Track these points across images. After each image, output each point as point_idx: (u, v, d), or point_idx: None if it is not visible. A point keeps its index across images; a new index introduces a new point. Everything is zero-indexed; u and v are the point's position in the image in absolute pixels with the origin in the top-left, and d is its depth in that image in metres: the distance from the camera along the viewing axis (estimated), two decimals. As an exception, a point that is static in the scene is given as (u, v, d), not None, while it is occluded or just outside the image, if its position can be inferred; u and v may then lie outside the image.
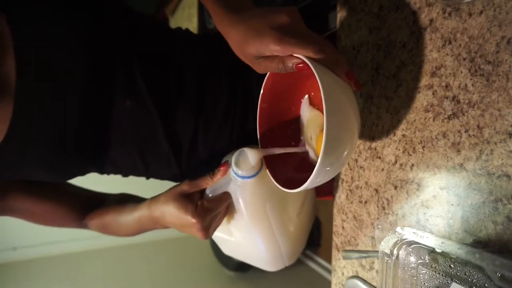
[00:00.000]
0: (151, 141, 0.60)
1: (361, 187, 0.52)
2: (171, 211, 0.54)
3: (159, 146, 0.61)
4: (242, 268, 2.37)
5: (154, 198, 0.57)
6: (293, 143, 0.49)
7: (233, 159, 0.47)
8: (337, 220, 0.57)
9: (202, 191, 0.55)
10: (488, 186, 0.35)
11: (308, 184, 0.37)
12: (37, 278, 2.39)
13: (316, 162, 0.35)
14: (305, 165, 0.46)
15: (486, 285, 0.31)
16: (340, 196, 0.56)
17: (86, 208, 0.69)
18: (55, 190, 0.68)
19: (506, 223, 0.34)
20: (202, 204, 0.52)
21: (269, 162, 0.46)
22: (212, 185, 0.53)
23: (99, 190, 0.73)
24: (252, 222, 0.54)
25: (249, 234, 0.57)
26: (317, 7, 0.80)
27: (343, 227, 0.56)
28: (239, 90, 0.65)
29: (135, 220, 0.61)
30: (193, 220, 0.51)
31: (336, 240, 0.58)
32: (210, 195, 0.53)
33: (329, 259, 0.61)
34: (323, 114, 0.35)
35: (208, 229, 0.53)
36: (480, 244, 0.36)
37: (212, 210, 0.52)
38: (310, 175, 0.36)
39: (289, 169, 0.47)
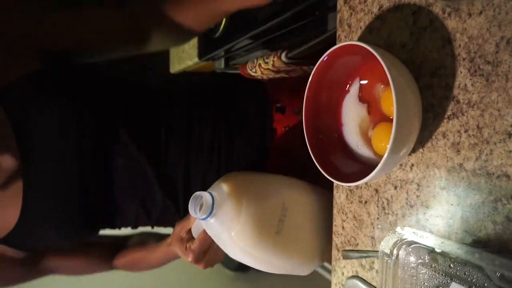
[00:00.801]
0: (147, 190, 0.66)
1: (361, 187, 0.52)
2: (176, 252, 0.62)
3: (155, 193, 0.67)
4: (242, 268, 2.37)
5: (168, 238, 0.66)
6: (335, 135, 0.49)
7: (190, 205, 0.51)
8: (337, 220, 0.58)
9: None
10: (488, 186, 0.35)
11: (373, 175, 0.37)
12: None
13: (368, 154, 0.39)
14: (350, 158, 0.47)
15: (485, 284, 0.32)
16: (340, 196, 0.56)
17: (112, 253, 0.81)
18: (83, 245, 0.80)
19: (506, 223, 0.34)
20: (189, 247, 0.58)
21: (319, 156, 0.46)
22: (194, 225, 0.59)
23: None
24: (231, 253, 0.57)
25: (246, 260, 0.59)
26: (317, 8, 0.80)
27: (343, 227, 0.56)
28: (222, 121, 0.69)
29: (161, 255, 0.71)
30: (188, 259, 0.58)
31: (336, 240, 0.58)
32: (195, 235, 0.59)
33: (329, 259, 0.61)
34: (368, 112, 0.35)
35: (203, 262, 0.60)
36: (480, 244, 0.36)
37: (196, 249, 0.57)
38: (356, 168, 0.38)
39: (339, 163, 0.47)
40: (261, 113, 0.73)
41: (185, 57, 1.59)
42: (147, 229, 0.78)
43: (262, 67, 1.00)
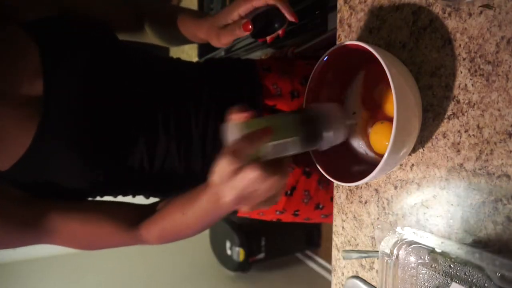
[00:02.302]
0: (151, 131, 0.63)
1: (361, 187, 0.52)
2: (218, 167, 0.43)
3: (159, 136, 0.64)
4: (242, 268, 2.37)
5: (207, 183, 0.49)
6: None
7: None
8: (337, 220, 0.57)
9: None
10: (488, 186, 0.35)
11: (375, 174, 0.37)
12: (37, 278, 2.40)
13: (368, 154, 0.38)
14: (350, 157, 0.47)
15: (486, 285, 0.32)
16: (340, 196, 0.56)
17: (138, 217, 0.61)
18: (96, 205, 0.63)
19: (506, 223, 0.34)
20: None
21: (319, 157, 0.46)
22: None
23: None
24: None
25: None
26: (317, 8, 0.80)
27: (343, 227, 0.56)
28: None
29: (199, 208, 0.51)
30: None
31: (336, 240, 0.58)
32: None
33: (329, 259, 0.61)
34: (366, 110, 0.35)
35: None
36: (480, 244, 0.36)
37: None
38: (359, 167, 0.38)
39: (341, 162, 0.47)
40: (249, 72, 0.77)
41: (185, 57, 1.59)
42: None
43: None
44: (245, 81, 0.74)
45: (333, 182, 0.65)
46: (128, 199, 0.67)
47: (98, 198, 0.66)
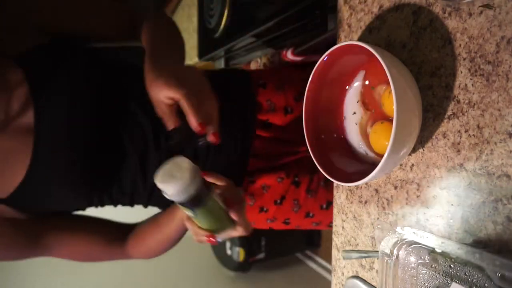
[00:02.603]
0: (146, 148, 0.66)
1: (361, 187, 0.52)
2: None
3: (151, 151, 0.66)
4: (242, 268, 2.37)
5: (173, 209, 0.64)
6: (335, 135, 0.49)
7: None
8: (337, 220, 0.57)
9: None
10: (488, 186, 0.35)
11: (373, 175, 0.37)
12: (37, 278, 2.39)
13: (369, 154, 0.39)
14: (348, 157, 0.47)
15: (486, 285, 0.31)
16: (340, 196, 0.56)
17: (122, 235, 0.72)
18: (87, 222, 0.72)
19: (506, 223, 0.34)
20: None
21: (320, 156, 0.46)
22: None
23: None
24: None
25: None
26: (317, 8, 0.80)
27: (343, 227, 0.56)
28: None
29: (175, 220, 0.64)
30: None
31: (336, 240, 0.58)
32: None
33: (329, 259, 0.61)
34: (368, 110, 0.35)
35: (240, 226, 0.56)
36: (480, 244, 0.36)
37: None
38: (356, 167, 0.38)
39: (340, 163, 0.47)
40: (243, 86, 0.78)
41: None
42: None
43: (267, 66, 1.01)
44: (240, 97, 0.76)
45: (327, 187, 0.65)
46: (127, 208, 0.74)
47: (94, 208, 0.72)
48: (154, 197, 0.70)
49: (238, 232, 0.55)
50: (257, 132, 0.76)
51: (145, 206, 0.73)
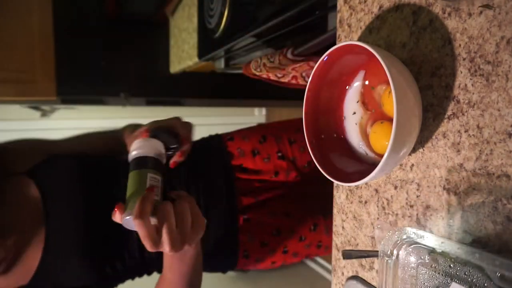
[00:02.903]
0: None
1: (361, 187, 0.52)
2: None
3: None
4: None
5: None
6: (335, 135, 0.49)
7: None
8: (337, 220, 0.57)
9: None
10: (488, 186, 0.35)
11: (373, 176, 0.37)
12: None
13: (368, 154, 0.39)
14: (348, 156, 0.47)
15: (485, 285, 0.32)
16: (340, 196, 0.56)
17: None
18: None
19: (506, 223, 0.34)
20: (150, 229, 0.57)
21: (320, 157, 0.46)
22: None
23: None
24: None
25: None
26: (317, 8, 0.80)
27: (343, 227, 0.56)
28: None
29: (169, 271, 0.71)
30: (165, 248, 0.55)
31: (336, 240, 0.58)
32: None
33: (329, 259, 0.61)
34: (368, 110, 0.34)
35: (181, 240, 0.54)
36: (480, 244, 0.36)
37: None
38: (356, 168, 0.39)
39: (340, 162, 0.47)
40: (216, 143, 0.97)
41: (185, 57, 1.59)
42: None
43: (267, 66, 1.01)
44: (216, 152, 0.93)
45: (331, 185, 0.65)
46: (144, 277, 0.84)
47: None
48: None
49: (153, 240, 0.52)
50: (237, 175, 0.91)
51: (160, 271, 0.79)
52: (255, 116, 3.35)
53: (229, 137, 0.97)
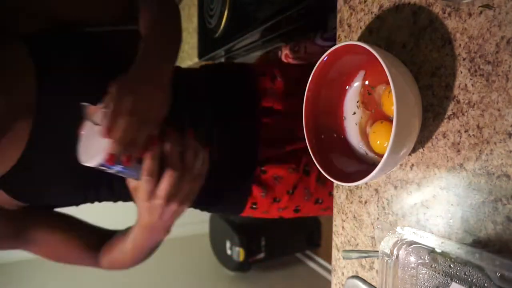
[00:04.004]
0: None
1: (361, 187, 0.52)
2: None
3: None
4: (242, 268, 2.37)
5: None
6: (335, 135, 0.49)
7: None
8: (337, 220, 0.58)
9: None
10: (488, 186, 0.35)
11: (372, 175, 0.37)
12: (37, 278, 2.39)
13: (368, 154, 0.39)
14: (347, 156, 0.47)
15: (486, 285, 0.32)
16: (340, 196, 0.56)
17: (101, 243, 0.71)
18: (71, 224, 0.72)
19: (506, 223, 0.34)
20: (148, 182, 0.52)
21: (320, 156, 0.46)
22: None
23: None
24: None
25: None
26: (317, 8, 0.80)
27: (343, 227, 0.56)
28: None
29: (133, 239, 0.63)
30: (156, 201, 0.53)
31: (336, 240, 0.58)
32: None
33: (329, 259, 0.61)
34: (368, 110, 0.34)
35: (178, 197, 0.54)
36: (480, 244, 0.36)
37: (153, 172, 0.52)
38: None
39: (340, 162, 0.47)
40: (244, 77, 0.80)
41: (185, 57, 1.59)
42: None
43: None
44: (242, 87, 0.78)
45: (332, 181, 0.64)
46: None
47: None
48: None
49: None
50: (263, 119, 0.77)
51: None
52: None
53: (260, 71, 0.82)
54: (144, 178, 0.51)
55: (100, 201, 0.70)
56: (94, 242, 0.72)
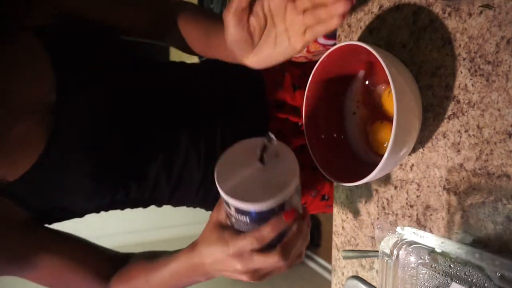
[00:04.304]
0: (171, 141, 0.61)
1: (361, 187, 0.52)
2: (209, 248, 0.44)
3: (179, 142, 0.61)
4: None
5: (195, 240, 0.49)
6: (335, 135, 0.49)
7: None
8: (337, 220, 0.58)
9: None
10: (488, 186, 0.35)
11: (373, 175, 0.37)
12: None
13: (368, 154, 0.39)
14: (347, 156, 0.47)
15: (486, 285, 0.32)
16: (340, 196, 0.56)
17: (111, 269, 0.62)
18: (82, 248, 0.63)
19: (506, 223, 0.34)
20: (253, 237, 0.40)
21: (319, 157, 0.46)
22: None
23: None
24: None
25: None
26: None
27: (343, 227, 0.56)
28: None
29: (170, 273, 0.53)
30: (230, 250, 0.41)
31: (336, 240, 0.58)
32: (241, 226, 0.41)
33: (329, 259, 0.61)
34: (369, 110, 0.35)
35: (288, 260, 0.43)
36: (480, 244, 0.36)
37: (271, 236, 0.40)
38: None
39: (339, 163, 0.47)
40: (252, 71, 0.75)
41: (185, 57, 1.59)
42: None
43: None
44: (252, 81, 0.74)
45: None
46: (139, 209, 0.67)
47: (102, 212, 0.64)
48: (178, 193, 0.64)
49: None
50: (271, 113, 0.73)
51: (160, 205, 0.68)
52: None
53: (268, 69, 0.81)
54: (270, 229, 0.40)
55: (108, 209, 0.64)
56: (106, 269, 0.63)
